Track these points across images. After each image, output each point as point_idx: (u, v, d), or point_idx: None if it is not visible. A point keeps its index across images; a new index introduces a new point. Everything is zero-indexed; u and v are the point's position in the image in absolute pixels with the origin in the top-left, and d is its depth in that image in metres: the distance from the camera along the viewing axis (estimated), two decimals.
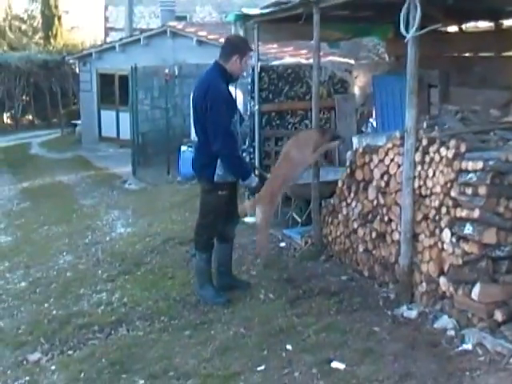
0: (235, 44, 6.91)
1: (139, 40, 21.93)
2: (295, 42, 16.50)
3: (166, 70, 17.02)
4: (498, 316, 5.64)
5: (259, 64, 10.43)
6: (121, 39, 23.52)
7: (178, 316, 6.67)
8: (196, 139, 7.10)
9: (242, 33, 10.13)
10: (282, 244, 8.70)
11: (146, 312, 6.87)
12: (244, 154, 10.59)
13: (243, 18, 9.86)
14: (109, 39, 29.91)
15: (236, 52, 6.73)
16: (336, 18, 9.66)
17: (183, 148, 14.39)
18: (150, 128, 17.54)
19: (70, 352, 6.24)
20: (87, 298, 7.58)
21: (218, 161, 6.62)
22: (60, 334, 6.63)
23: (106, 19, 33.37)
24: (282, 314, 6.47)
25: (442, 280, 6.11)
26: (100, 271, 8.48)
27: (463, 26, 10.94)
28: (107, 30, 33.29)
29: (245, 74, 11.19)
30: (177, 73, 17.66)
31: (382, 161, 7.04)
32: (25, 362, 6.18)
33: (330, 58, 13.97)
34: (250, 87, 10.62)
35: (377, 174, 7.12)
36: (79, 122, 25.23)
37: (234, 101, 6.96)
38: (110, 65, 22.77)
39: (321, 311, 6.46)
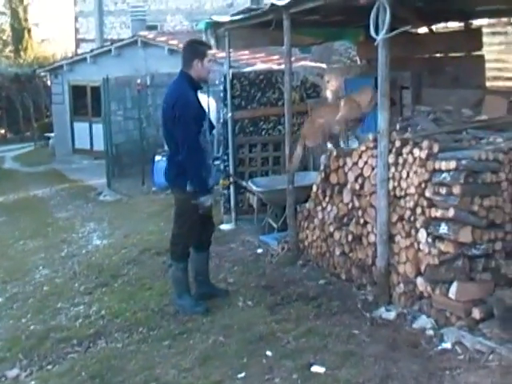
0: (192, 48, 6.89)
1: (110, 51, 21.89)
2: (267, 48, 16.53)
3: (138, 80, 16.98)
4: (476, 314, 5.69)
5: (231, 71, 10.43)
6: (92, 50, 23.45)
7: (157, 327, 6.63)
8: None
9: (213, 40, 10.13)
10: (259, 250, 8.70)
11: (125, 324, 6.83)
12: (218, 162, 10.62)
13: (214, 26, 9.86)
14: (80, 51, 29.78)
15: (195, 56, 6.72)
16: (307, 23, 9.69)
17: (157, 158, 14.36)
18: (123, 139, 17.49)
19: (49, 367, 6.19)
20: (65, 311, 7.54)
21: None
22: (38, 349, 6.57)
23: (77, 31, 33.25)
24: (261, 320, 6.46)
25: (420, 280, 6.15)
26: (77, 284, 8.44)
27: (433, 27, 11.04)
28: (78, 42, 33.16)
29: (217, 81, 11.23)
30: (149, 83, 17.62)
31: (356, 164, 7.08)
32: (3, 379, 6.12)
33: (302, 63, 14.03)
34: (222, 95, 10.61)
35: (351, 176, 7.15)
36: (52, 134, 25.12)
37: (203, 109, 6.92)
38: (81, 76, 22.71)
39: (300, 316, 6.46)
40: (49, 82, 27.07)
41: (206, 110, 7.07)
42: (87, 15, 32.12)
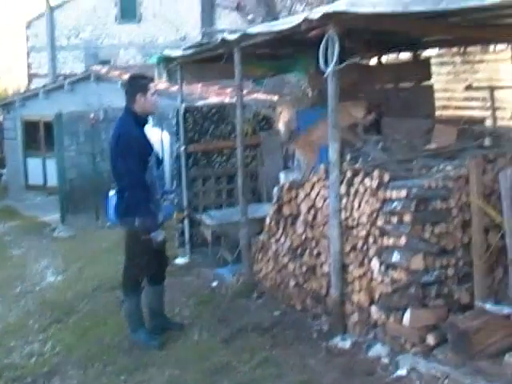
0: (134, 83, 6.90)
1: (63, 86, 21.75)
2: (220, 81, 16.62)
3: (92, 115, 16.94)
4: (430, 340, 5.77)
5: (183, 105, 10.47)
6: (44, 86, 23.27)
7: (113, 362, 6.59)
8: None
9: (165, 74, 10.19)
10: (214, 283, 8.69)
11: (80, 360, 6.78)
12: (172, 195, 10.61)
13: (166, 60, 9.92)
14: (32, 86, 29.56)
15: (137, 90, 6.71)
16: (257, 56, 9.80)
17: (111, 193, 14.23)
18: (77, 174, 17.35)
19: None
20: (19, 349, 7.44)
21: None
22: None
23: (29, 66, 33.02)
24: (217, 352, 6.48)
25: (374, 308, 6.21)
26: (31, 321, 8.33)
27: (383, 58, 11.23)
28: (31, 77, 32.93)
29: (170, 115, 11.26)
30: (102, 117, 17.56)
31: (308, 195, 7.14)
32: None
33: (255, 95, 14.13)
34: (175, 129, 10.63)
35: (304, 208, 7.20)
36: (4, 170, 24.85)
37: (149, 144, 6.85)
38: (34, 112, 22.50)
39: (255, 347, 6.48)
40: (1, 118, 26.83)
41: (154, 145, 7.05)
42: (39, 50, 31.94)
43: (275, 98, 12.98)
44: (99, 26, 30.78)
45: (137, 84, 6.83)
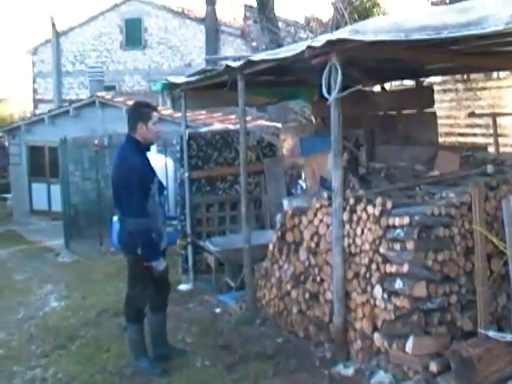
0: (136, 112, 6.88)
1: (68, 111, 21.87)
2: (224, 108, 16.70)
3: (96, 141, 16.99)
4: (433, 367, 5.75)
5: (187, 131, 10.50)
6: (50, 111, 23.39)
7: None
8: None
9: (169, 101, 10.23)
10: (217, 310, 8.67)
11: None
12: (175, 222, 10.62)
13: (170, 87, 9.96)
14: (38, 111, 29.73)
15: (139, 119, 6.70)
16: (261, 83, 9.84)
17: (115, 218, 14.28)
18: (81, 199, 17.40)
19: None
20: (21, 375, 7.40)
21: None
22: None
23: (35, 91, 33.24)
24: (220, 380, 6.47)
25: (376, 336, 6.19)
26: (34, 347, 8.30)
27: (386, 85, 11.27)
28: (36, 102, 33.13)
29: (174, 141, 11.28)
30: (107, 143, 17.63)
31: (311, 222, 7.14)
32: None
33: (258, 122, 14.20)
34: (179, 155, 10.64)
35: (307, 235, 7.20)
36: (9, 195, 24.91)
37: (151, 172, 6.82)
38: (39, 137, 22.61)
39: (258, 375, 6.47)
40: (6, 143, 26.93)
41: (157, 171, 7.04)
42: (45, 76, 32.20)
43: (279, 125, 13.01)
44: (104, 53, 31.04)
45: (139, 112, 6.82)
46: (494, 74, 12.38)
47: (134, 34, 30.76)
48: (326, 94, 6.35)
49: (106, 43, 31.08)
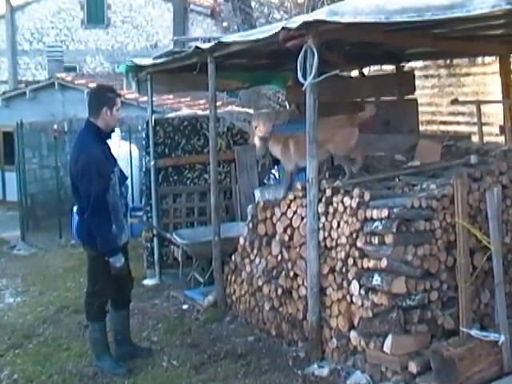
0: (101, 95, 6.81)
1: (25, 93, 21.63)
2: (192, 92, 16.66)
3: (55, 126, 16.83)
4: (413, 368, 5.80)
5: (154, 117, 10.47)
6: (4, 93, 23.15)
7: None
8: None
9: (134, 85, 10.19)
10: (185, 306, 8.71)
11: None
12: (141, 213, 10.61)
13: (135, 69, 9.92)
14: None
15: (104, 104, 6.64)
16: (232, 67, 9.85)
17: (75, 209, 14.23)
18: (39, 189, 17.25)
19: None
20: None
21: None
22: None
23: None
24: (187, 381, 6.49)
25: (353, 334, 6.24)
26: None
27: (366, 70, 11.31)
28: None
29: (139, 127, 11.25)
30: (66, 128, 17.48)
31: (284, 214, 7.17)
32: None
33: (229, 108, 14.18)
34: (144, 142, 10.61)
35: (280, 227, 7.24)
36: None
37: (112, 161, 6.78)
38: None
39: (228, 375, 6.50)
40: None
41: (122, 160, 7.01)
42: None
43: (251, 111, 13.01)
44: (64, 31, 30.73)
45: (104, 97, 6.75)
46: (479, 60, 12.45)
47: (96, 11, 30.53)
48: (301, 79, 6.37)
49: (66, 20, 30.77)
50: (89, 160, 6.47)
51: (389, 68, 11.96)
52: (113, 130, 6.89)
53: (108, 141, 6.88)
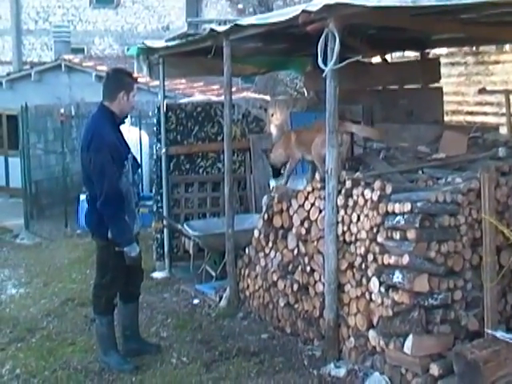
0: (119, 79, 6.81)
1: (30, 75, 21.68)
2: (206, 77, 16.66)
3: (62, 110, 16.83)
4: (435, 370, 5.78)
5: (165, 102, 10.47)
6: (8, 74, 23.19)
7: None
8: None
9: (145, 68, 10.18)
10: (196, 301, 8.73)
11: None
12: (151, 202, 10.61)
13: (147, 52, 9.91)
14: None
15: (122, 88, 6.65)
16: (249, 51, 9.82)
17: (82, 197, 14.22)
18: (44, 175, 17.27)
19: None
20: None
21: None
22: None
23: None
24: (197, 379, 6.49)
25: (372, 333, 6.23)
26: None
27: (387, 57, 11.26)
28: None
29: (150, 113, 11.26)
30: (73, 112, 17.51)
31: (301, 206, 7.16)
32: None
33: (244, 94, 14.17)
34: (155, 128, 10.61)
35: (297, 220, 7.23)
36: None
37: (125, 148, 6.79)
38: None
39: (240, 374, 6.51)
40: None
41: (132, 147, 7.02)
42: (3, 33, 31.77)
43: (267, 97, 12.99)
44: (72, 10, 30.73)
45: (122, 81, 6.76)
46: (506, 47, 12.39)
47: None
48: (321, 65, 6.35)
49: None
50: (102, 145, 6.47)
51: (412, 55, 11.92)
52: (126, 116, 6.91)
53: (121, 127, 6.89)
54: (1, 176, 22.19)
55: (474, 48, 12.86)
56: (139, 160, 7.50)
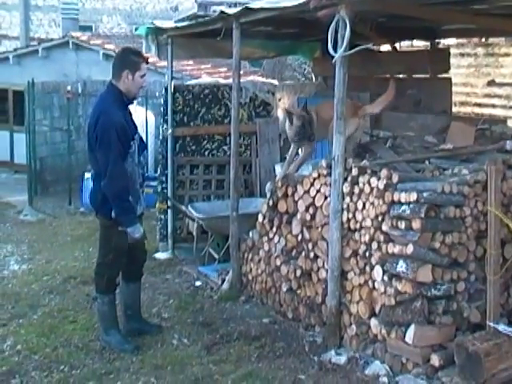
0: (123, 57, 6.83)
1: (37, 51, 21.62)
2: (213, 59, 16.62)
3: (68, 87, 16.82)
4: (435, 361, 5.80)
5: (173, 83, 10.45)
6: (15, 49, 23.14)
7: (81, 365, 6.56)
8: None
9: (154, 48, 10.15)
10: (198, 283, 8.74)
11: (44, 361, 6.73)
12: (155, 183, 10.61)
13: (156, 32, 9.88)
14: (1, 48, 29.40)
15: (126, 67, 6.62)
16: (258, 35, 9.80)
17: (87, 175, 14.21)
18: (49, 152, 17.29)
19: None
20: None
21: None
22: None
23: None
24: (198, 361, 6.50)
25: (374, 322, 6.24)
26: None
27: (397, 45, 11.22)
28: None
29: (157, 93, 11.24)
30: (80, 90, 17.49)
31: (307, 192, 7.14)
32: None
33: (252, 77, 14.12)
34: (162, 109, 10.60)
35: (302, 206, 7.21)
36: None
37: (132, 127, 6.77)
38: (2, 78, 22.32)
39: (240, 357, 6.51)
40: None
41: (138, 127, 7.00)
42: (10, 9, 31.58)
43: (275, 82, 12.96)
44: None
45: (127, 59, 6.74)
46: None
47: None
48: (331, 51, 6.33)
49: None
50: (109, 124, 6.46)
51: (420, 44, 11.88)
52: (135, 98, 6.89)
53: (129, 106, 6.87)
54: (6, 151, 22.21)
55: (484, 39, 12.80)
56: (145, 140, 7.49)
